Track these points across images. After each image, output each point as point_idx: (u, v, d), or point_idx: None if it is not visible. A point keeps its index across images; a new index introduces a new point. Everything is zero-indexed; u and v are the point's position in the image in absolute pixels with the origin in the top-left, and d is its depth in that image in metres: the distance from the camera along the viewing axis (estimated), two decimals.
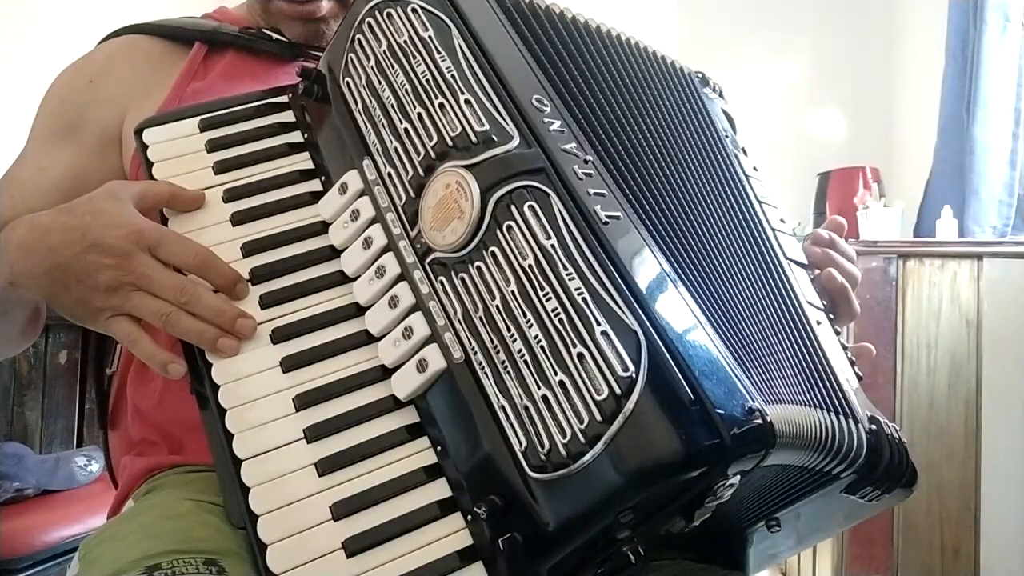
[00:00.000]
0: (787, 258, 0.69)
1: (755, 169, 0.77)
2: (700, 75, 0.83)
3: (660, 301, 0.52)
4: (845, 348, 0.68)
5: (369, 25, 0.65)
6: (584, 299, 0.50)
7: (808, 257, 0.75)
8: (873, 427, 0.60)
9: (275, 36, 0.87)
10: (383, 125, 0.63)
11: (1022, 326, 1.97)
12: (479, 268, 0.55)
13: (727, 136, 0.76)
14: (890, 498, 0.64)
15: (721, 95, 0.84)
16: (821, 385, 0.61)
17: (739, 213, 0.69)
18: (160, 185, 0.66)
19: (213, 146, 0.69)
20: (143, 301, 0.59)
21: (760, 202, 0.73)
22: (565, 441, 0.48)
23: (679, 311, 0.53)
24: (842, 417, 0.59)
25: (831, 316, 0.71)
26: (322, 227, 0.66)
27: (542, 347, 0.50)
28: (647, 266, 0.54)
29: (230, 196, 0.67)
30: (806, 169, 2.88)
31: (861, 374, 0.68)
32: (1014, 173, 2.27)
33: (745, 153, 0.78)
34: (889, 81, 3.16)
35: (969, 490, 1.94)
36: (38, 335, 0.87)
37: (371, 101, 0.64)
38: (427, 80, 0.61)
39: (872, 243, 2.13)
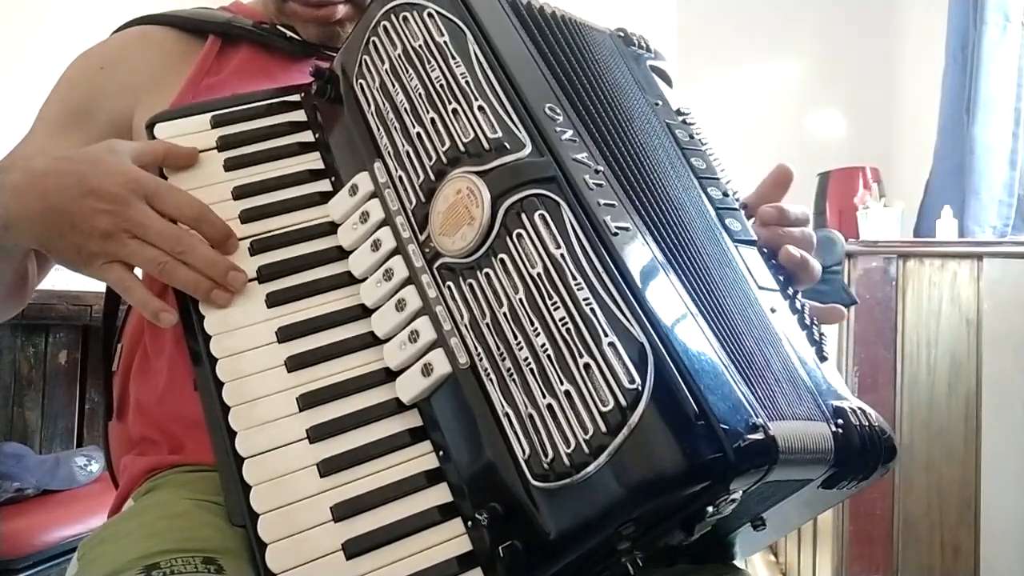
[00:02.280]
0: (735, 240, 0.67)
1: (691, 138, 0.72)
2: (622, 33, 0.78)
3: (667, 313, 0.52)
4: (808, 327, 0.66)
5: (384, 28, 0.66)
6: (592, 309, 0.50)
7: (760, 240, 0.70)
8: (840, 421, 0.59)
9: (289, 34, 0.87)
10: (395, 128, 0.63)
11: (1022, 326, 1.97)
12: (487, 275, 0.55)
13: (658, 106, 0.73)
14: (869, 481, 0.63)
15: (648, 49, 0.80)
16: (793, 390, 0.59)
17: (701, 209, 0.67)
18: (155, 143, 0.67)
19: (224, 143, 0.70)
20: (139, 248, 0.60)
21: (700, 180, 0.69)
22: (569, 451, 0.48)
23: (685, 324, 0.53)
24: (817, 423, 0.58)
25: (789, 290, 0.68)
26: (331, 228, 0.66)
27: (548, 356, 0.51)
28: (655, 278, 0.54)
29: (240, 193, 0.67)
30: (806, 169, 2.87)
31: (826, 354, 0.66)
32: (1014, 173, 2.27)
33: (680, 115, 0.74)
34: (889, 81, 3.17)
35: (969, 490, 1.94)
36: (23, 305, 0.86)
37: (384, 104, 0.65)
38: (441, 85, 0.61)
39: (872, 243, 2.13)
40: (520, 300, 0.53)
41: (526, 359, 0.51)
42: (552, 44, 0.66)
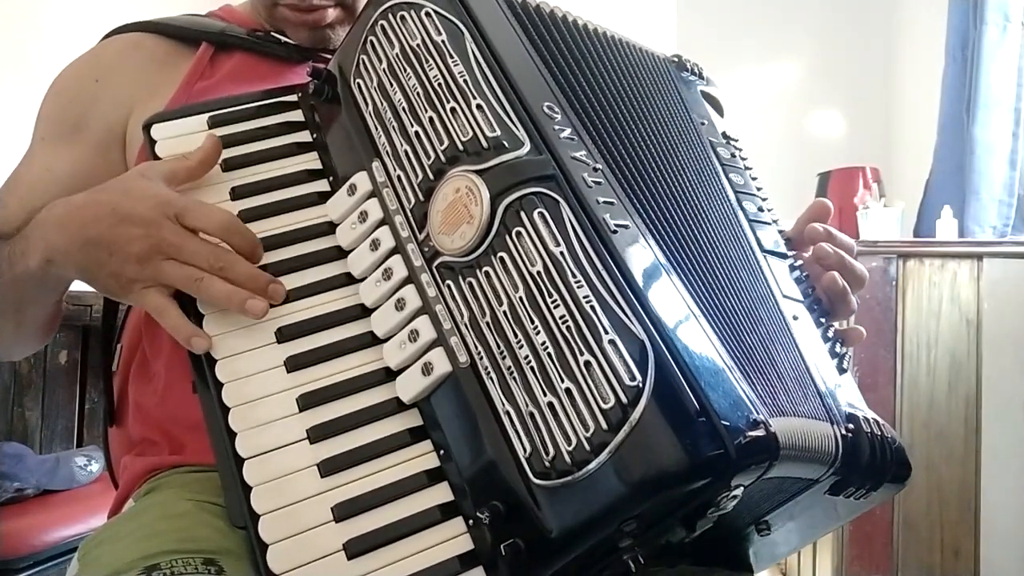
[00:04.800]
0: (764, 251, 0.68)
1: (732, 156, 0.75)
2: (676, 59, 0.81)
3: (667, 310, 0.52)
4: (831, 339, 0.67)
5: (382, 27, 0.66)
6: (592, 307, 0.50)
7: (821, 260, 0.73)
8: (850, 426, 0.60)
9: (283, 40, 0.87)
10: (393, 128, 0.63)
11: (1022, 326, 1.97)
12: (487, 273, 0.55)
13: (703, 125, 0.75)
14: (879, 494, 0.64)
15: (700, 76, 0.82)
16: (799, 389, 0.60)
17: (725, 214, 0.69)
18: (185, 161, 0.67)
19: (221, 143, 0.69)
20: (174, 269, 0.60)
21: (736, 193, 0.71)
22: (570, 448, 0.48)
23: (686, 321, 0.53)
24: (822, 423, 0.59)
25: (814, 308, 0.69)
26: (329, 227, 0.66)
27: (549, 354, 0.51)
28: (654, 275, 0.54)
29: (237, 194, 0.67)
30: (806, 169, 2.88)
31: (846, 366, 0.67)
32: (1014, 173, 2.27)
33: (727, 139, 0.77)
34: (889, 81, 3.17)
35: (969, 490, 1.94)
36: (50, 339, 0.87)
37: (382, 103, 0.64)
38: (439, 84, 0.61)
39: (872, 243, 2.13)
40: (520, 298, 0.53)
41: (526, 357, 0.51)
42: (550, 43, 0.66)
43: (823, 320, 0.68)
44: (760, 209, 0.72)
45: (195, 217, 0.61)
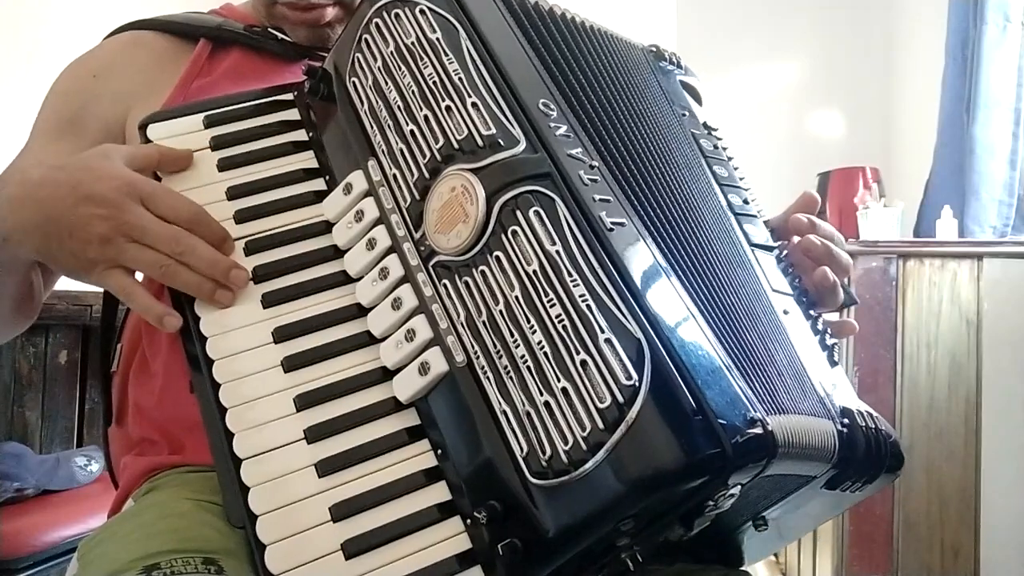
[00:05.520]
0: (752, 245, 0.68)
1: (715, 148, 0.75)
2: (654, 48, 0.81)
3: (664, 309, 0.52)
4: (821, 332, 0.67)
5: (376, 25, 0.65)
6: (588, 306, 0.50)
7: (808, 251, 0.73)
8: (845, 420, 0.60)
9: (280, 36, 0.87)
10: (389, 126, 0.63)
11: (1022, 326, 1.97)
12: (483, 272, 0.54)
13: (684, 116, 0.75)
14: (874, 486, 0.64)
15: (679, 65, 0.82)
16: (797, 386, 0.60)
17: (714, 210, 0.69)
18: (149, 147, 0.67)
19: (217, 143, 0.69)
20: (138, 252, 0.60)
21: (722, 186, 0.71)
22: (567, 448, 0.48)
23: (682, 319, 0.53)
24: (820, 419, 0.59)
25: (802, 301, 0.69)
26: (325, 227, 0.66)
27: (545, 353, 0.50)
28: (651, 274, 0.54)
29: (233, 194, 0.67)
30: (806, 169, 2.88)
31: (836, 359, 0.67)
32: (1014, 173, 2.27)
33: (708, 129, 0.76)
34: (889, 81, 3.17)
35: (969, 490, 1.94)
36: (31, 320, 0.86)
37: (377, 102, 0.64)
38: (434, 82, 0.61)
39: (872, 243, 2.13)
40: (516, 297, 0.52)
41: (523, 357, 0.51)
42: (547, 39, 0.66)
43: (812, 312, 0.68)
44: (745, 201, 0.72)
45: (162, 204, 0.61)
